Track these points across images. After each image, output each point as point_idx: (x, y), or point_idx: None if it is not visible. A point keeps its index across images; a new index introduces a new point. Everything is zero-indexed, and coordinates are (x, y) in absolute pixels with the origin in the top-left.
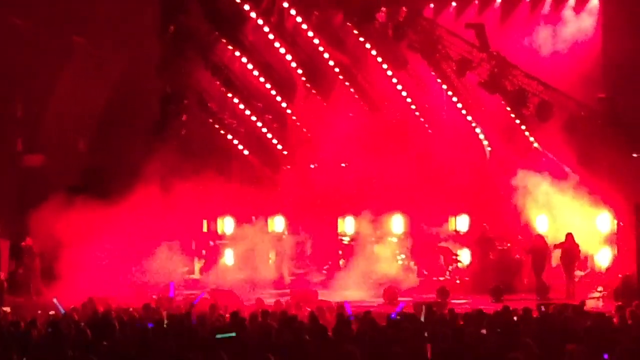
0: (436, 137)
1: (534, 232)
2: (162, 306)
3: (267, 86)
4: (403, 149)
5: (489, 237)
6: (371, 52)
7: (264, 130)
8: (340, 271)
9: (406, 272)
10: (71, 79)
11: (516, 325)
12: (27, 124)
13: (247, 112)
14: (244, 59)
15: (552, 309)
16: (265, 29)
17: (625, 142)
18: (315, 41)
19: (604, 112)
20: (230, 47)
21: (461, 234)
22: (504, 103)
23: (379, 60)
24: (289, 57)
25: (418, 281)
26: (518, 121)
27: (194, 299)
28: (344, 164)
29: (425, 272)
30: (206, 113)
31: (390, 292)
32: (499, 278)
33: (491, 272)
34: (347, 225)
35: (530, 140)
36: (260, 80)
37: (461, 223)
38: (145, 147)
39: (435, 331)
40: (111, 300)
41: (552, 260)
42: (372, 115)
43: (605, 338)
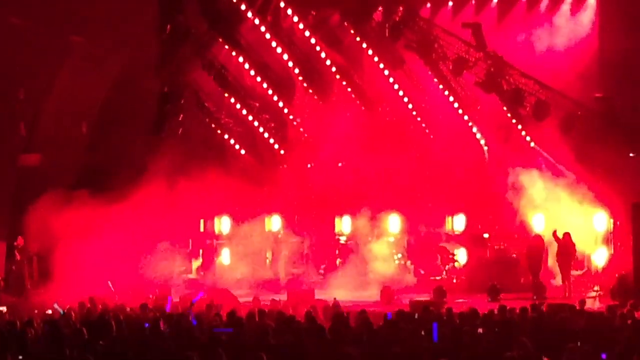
0: (433, 136)
1: (530, 232)
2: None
3: (264, 86)
4: (400, 149)
5: (482, 236)
6: (368, 51)
7: (260, 130)
8: (337, 270)
9: (403, 271)
10: (69, 78)
11: (513, 324)
12: (24, 122)
13: (244, 111)
14: (241, 59)
15: (549, 308)
16: (262, 29)
17: (622, 141)
18: (312, 41)
19: (600, 112)
20: (226, 46)
21: (457, 233)
22: (501, 102)
23: (376, 60)
24: (286, 57)
25: (415, 281)
26: (514, 120)
27: (191, 298)
28: (340, 164)
29: (422, 272)
30: (203, 112)
31: (387, 292)
32: (496, 277)
33: (488, 272)
34: (344, 224)
35: (527, 139)
36: (257, 80)
37: (458, 222)
38: (143, 146)
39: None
40: (108, 299)
41: (549, 259)
42: (368, 114)
43: (601, 337)
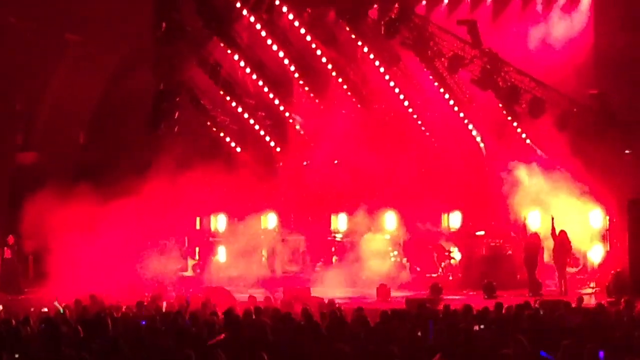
0: (429, 134)
1: (526, 229)
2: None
3: (260, 83)
4: (396, 146)
5: (474, 234)
6: (363, 49)
7: (256, 128)
8: (333, 268)
9: (399, 268)
10: (65, 76)
11: (508, 321)
12: (21, 121)
13: (240, 109)
14: (236, 57)
15: (545, 305)
16: (257, 26)
17: (617, 138)
18: (308, 38)
19: (596, 109)
20: (222, 44)
21: (453, 230)
22: (497, 99)
23: (372, 57)
24: (282, 54)
25: (411, 278)
26: (510, 117)
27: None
28: (336, 161)
29: (417, 269)
30: (199, 110)
31: (383, 289)
32: (492, 274)
33: (484, 269)
34: (340, 222)
35: (523, 136)
36: (252, 78)
37: (454, 220)
38: (138, 144)
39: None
40: (104, 298)
41: (545, 256)
42: (364, 112)
43: (598, 334)
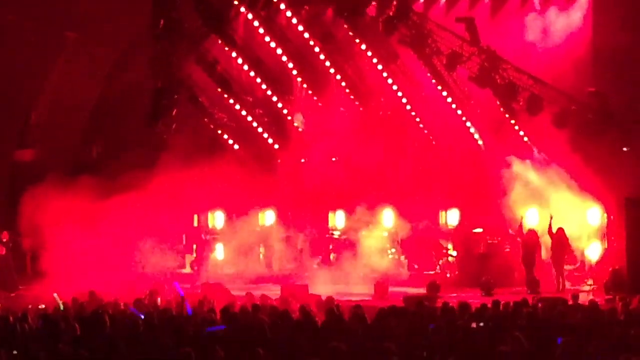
0: (427, 131)
1: (523, 227)
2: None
3: (258, 80)
4: (394, 144)
5: (472, 231)
6: (361, 46)
7: (254, 125)
8: (331, 265)
9: (397, 266)
10: (63, 73)
11: (506, 319)
12: (19, 118)
13: (238, 106)
14: (234, 54)
15: (543, 302)
16: (255, 24)
17: (615, 136)
18: (306, 35)
19: (594, 106)
20: (220, 41)
21: (451, 228)
22: (495, 97)
23: (369, 55)
24: (280, 52)
25: (408, 275)
26: (508, 115)
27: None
28: (334, 158)
29: (415, 266)
30: (197, 107)
31: (380, 286)
32: (490, 272)
33: (481, 266)
34: (338, 219)
35: (521, 134)
36: (250, 75)
37: (451, 217)
38: (136, 141)
39: (425, 325)
40: (102, 294)
41: (542, 253)
42: (363, 109)
43: (595, 332)
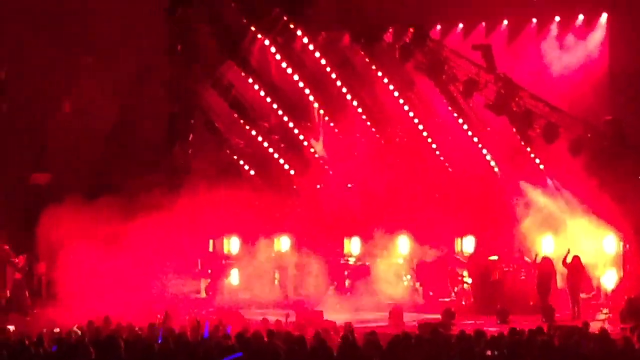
0: (443, 158)
1: (540, 254)
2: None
3: (274, 106)
4: (410, 170)
5: (488, 259)
6: (377, 73)
7: (270, 151)
8: (346, 292)
9: (412, 292)
10: (79, 97)
11: (522, 347)
12: (35, 142)
13: (254, 132)
14: (250, 80)
15: (558, 331)
16: (272, 50)
17: (631, 163)
18: (322, 62)
19: (610, 134)
20: (236, 67)
21: (466, 255)
22: (511, 124)
23: (386, 81)
24: (296, 78)
25: (424, 302)
26: (524, 143)
27: (200, 318)
28: (350, 185)
29: (430, 293)
30: (213, 133)
31: (395, 313)
32: (505, 300)
33: (497, 294)
34: (353, 245)
35: (537, 161)
36: (267, 101)
37: (467, 244)
38: (152, 166)
39: (440, 352)
40: (116, 318)
41: (558, 282)
42: (379, 136)
43: None
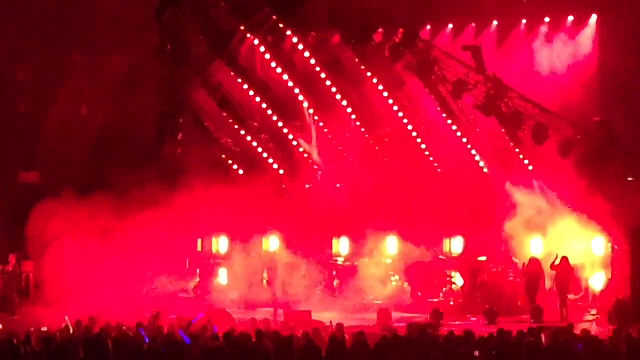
0: (432, 158)
1: (528, 255)
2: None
3: (264, 106)
4: (399, 170)
5: (476, 259)
6: (367, 73)
7: (259, 150)
8: (334, 292)
9: (400, 293)
10: (70, 96)
11: (509, 348)
12: (23, 140)
13: (243, 131)
14: (240, 80)
15: (546, 332)
16: (262, 49)
17: (620, 165)
18: (312, 62)
19: (599, 135)
20: (226, 66)
21: (455, 255)
22: (500, 125)
23: (375, 82)
24: (286, 77)
25: (412, 302)
26: (513, 143)
27: (188, 318)
28: (339, 185)
29: (419, 294)
30: (202, 132)
31: (383, 313)
32: (493, 300)
33: (485, 294)
34: (342, 245)
35: (526, 162)
36: (256, 100)
37: (456, 245)
38: (142, 165)
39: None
40: (104, 318)
41: (546, 283)
42: (368, 135)
43: None
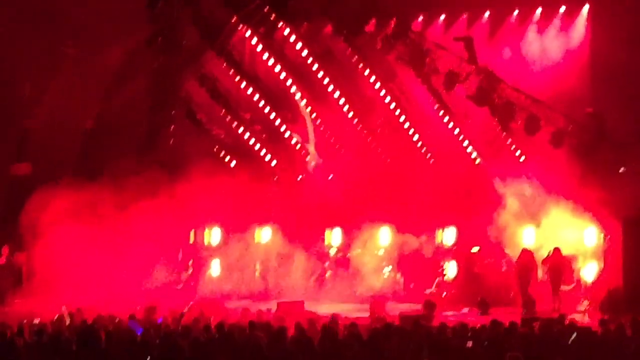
0: (425, 149)
1: (520, 246)
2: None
3: (256, 97)
4: (391, 161)
5: (469, 250)
6: (359, 64)
7: (251, 142)
8: (327, 283)
9: (393, 284)
10: (61, 88)
11: (503, 338)
12: (15, 132)
13: (235, 123)
14: (232, 71)
15: (539, 322)
16: (254, 40)
17: (612, 156)
18: (304, 53)
19: (591, 127)
20: (218, 58)
21: (447, 246)
22: (492, 116)
23: (367, 73)
24: (278, 68)
25: (405, 293)
26: (505, 134)
27: (181, 309)
28: (331, 176)
29: (411, 285)
30: (194, 123)
31: (376, 305)
32: (486, 291)
33: (478, 285)
34: (335, 236)
35: (518, 153)
36: (248, 91)
37: (448, 235)
38: (134, 157)
39: (422, 344)
40: (97, 309)
41: (539, 273)
42: (361, 126)
43: (591, 352)
